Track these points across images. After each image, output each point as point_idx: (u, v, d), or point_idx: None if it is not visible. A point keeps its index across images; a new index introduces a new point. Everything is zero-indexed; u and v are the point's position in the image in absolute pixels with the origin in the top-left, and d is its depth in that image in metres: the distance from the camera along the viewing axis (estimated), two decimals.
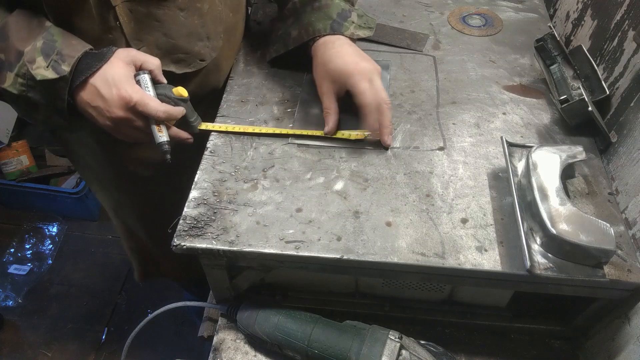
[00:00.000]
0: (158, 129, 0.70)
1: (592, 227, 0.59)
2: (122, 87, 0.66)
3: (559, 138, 0.77)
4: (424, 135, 0.78)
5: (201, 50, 0.81)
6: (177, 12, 0.75)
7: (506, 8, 1.06)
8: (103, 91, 0.67)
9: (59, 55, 0.66)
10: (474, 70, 0.90)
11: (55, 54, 0.66)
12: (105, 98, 0.67)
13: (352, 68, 0.73)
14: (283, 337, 0.65)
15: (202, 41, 0.81)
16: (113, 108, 0.67)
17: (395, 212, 0.67)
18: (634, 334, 0.62)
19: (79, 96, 0.68)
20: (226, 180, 0.71)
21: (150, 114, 0.68)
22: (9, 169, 1.90)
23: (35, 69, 0.65)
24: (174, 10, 0.75)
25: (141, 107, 0.67)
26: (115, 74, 0.67)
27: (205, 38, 0.81)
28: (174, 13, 0.75)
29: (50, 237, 1.99)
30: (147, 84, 0.70)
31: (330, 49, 0.77)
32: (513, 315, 0.74)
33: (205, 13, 0.79)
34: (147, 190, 0.97)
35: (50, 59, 0.65)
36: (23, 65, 0.65)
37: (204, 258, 0.66)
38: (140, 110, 0.67)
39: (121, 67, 0.68)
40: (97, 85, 0.67)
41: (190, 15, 0.77)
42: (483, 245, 0.63)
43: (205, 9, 0.79)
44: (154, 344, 1.66)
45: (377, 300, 0.75)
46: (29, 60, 0.65)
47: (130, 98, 0.66)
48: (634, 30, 0.72)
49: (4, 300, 1.80)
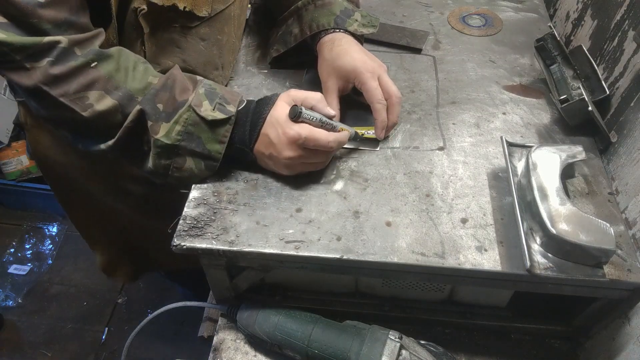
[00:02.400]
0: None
1: (592, 227, 0.59)
2: (287, 127, 0.65)
3: (559, 138, 0.77)
4: (424, 135, 0.78)
5: (215, 78, 0.83)
6: (198, 41, 0.77)
7: (506, 8, 1.06)
8: (272, 136, 0.66)
9: (222, 99, 0.67)
10: (473, 70, 0.90)
11: (218, 98, 0.67)
12: (274, 143, 0.66)
13: (361, 66, 0.74)
14: (283, 337, 0.65)
15: (217, 70, 0.83)
16: (284, 151, 0.66)
17: (395, 212, 0.67)
18: (634, 334, 0.62)
19: (255, 149, 0.69)
20: (226, 180, 0.71)
21: (322, 147, 0.66)
22: (9, 169, 1.90)
23: (203, 111, 0.65)
24: (195, 39, 0.76)
25: (312, 142, 0.65)
26: (279, 115, 0.67)
27: (221, 68, 0.83)
28: (195, 42, 0.77)
29: (50, 237, 1.99)
30: (310, 114, 0.67)
31: (337, 46, 0.77)
32: (513, 315, 0.74)
33: (224, 45, 0.81)
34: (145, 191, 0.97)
35: (214, 102, 0.66)
36: (186, 112, 0.65)
37: (204, 258, 0.66)
38: (311, 145, 0.66)
39: (284, 108, 0.67)
40: (267, 132, 0.67)
41: (211, 46, 0.79)
42: (483, 245, 0.63)
43: (224, 41, 0.81)
44: (154, 344, 1.65)
45: (377, 300, 0.75)
46: (195, 104, 0.65)
47: (298, 136, 0.65)
48: (634, 30, 0.72)
49: (4, 300, 1.80)
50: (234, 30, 0.84)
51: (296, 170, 0.70)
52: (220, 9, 0.76)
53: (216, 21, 0.77)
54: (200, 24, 0.75)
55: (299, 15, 0.82)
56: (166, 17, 0.71)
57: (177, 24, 0.73)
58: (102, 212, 1.04)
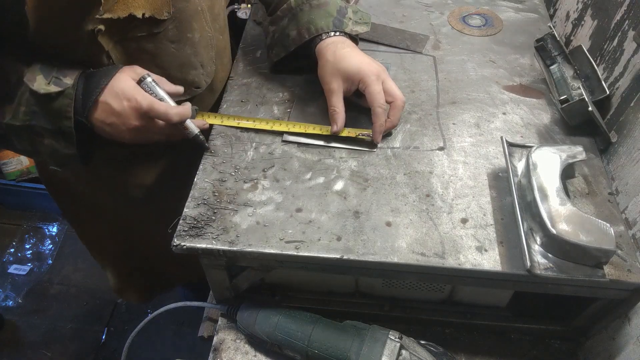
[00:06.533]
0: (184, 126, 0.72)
1: (592, 227, 0.59)
2: (131, 98, 0.67)
3: (559, 138, 0.77)
4: (424, 135, 0.78)
5: (195, 78, 0.82)
6: (168, 44, 0.75)
7: (506, 8, 1.06)
8: (115, 106, 0.67)
9: (60, 72, 0.65)
10: (474, 70, 0.90)
11: (55, 71, 0.65)
12: (119, 112, 0.67)
13: (367, 68, 0.74)
14: (283, 337, 0.65)
15: (195, 69, 0.81)
16: (128, 120, 0.68)
17: (395, 212, 0.67)
18: (634, 334, 0.62)
19: (93, 117, 0.68)
20: (226, 180, 0.71)
21: (161, 117, 0.69)
22: (9, 169, 1.90)
23: (35, 86, 0.63)
24: (165, 43, 0.75)
25: (152, 112, 0.68)
26: (124, 86, 0.67)
27: (200, 66, 0.82)
28: (165, 46, 0.75)
29: (50, 237, 1.99)
30: (153, 87, 0.70)
31: (340, 49, 0.76)
32: (513, 315, 0.74)
33: (197, 42, 0.79)
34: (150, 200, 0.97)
35: (50, 76, 0.64)
36: (25, 91, 0.64)
37: (204, 258, 0.66)
38: (152, 115, 0.68)
39: (128, 79, 0.68)
40: (109, 101, 0.67)
41: (182, 47, 0.77)
42: (483, 245, 0.63)
43: (196, 39, 0.79)
44: (154, 344, 1.66)
45: (377, 300, 0.75)
46: (28, 79, 0.63)
47: (140, 106, 0.67)
48: (634, 30, 0.72)
49: (4, 300, 1.80)
50: (207, 24, 0.81)
51: (142, 140, 0.72)
52: (182, 7, 0.74)
53: (182, 20, 0.75)
54: (166, 27, 0.73)
55: (294, 15, 0.81)
56: (128, 27, 0.69)
57: (143, 32, 0.72)
58: (112, 226, 1.03)
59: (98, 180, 0.91)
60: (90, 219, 1.03)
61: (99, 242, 1.09)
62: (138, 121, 0.68)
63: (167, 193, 0.87)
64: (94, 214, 1.00)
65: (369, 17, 0.84)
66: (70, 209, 1.04)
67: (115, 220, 1.01)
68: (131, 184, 0.90)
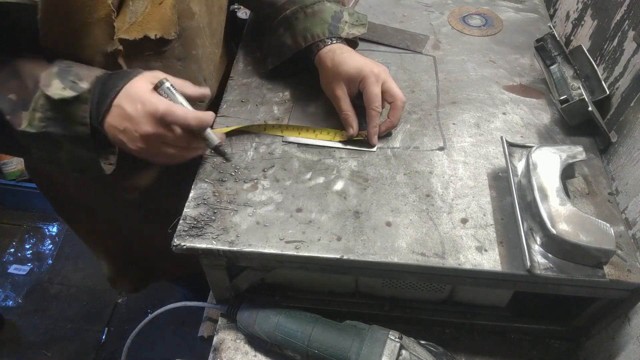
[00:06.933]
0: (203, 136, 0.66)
1: (592, 227, 0.59)
2: (146, 101, 0.61)
3: (559, 138, 0.77)
4: (424, 135, 0.78)
5: None
6: (174, 62, 0.75)
7: (506, 8, 1.06)
8: (129, 110, 0.61)
9: (76, 76, 0.61)
10: (474, 70, 0.90)
11: (72, 75, 0.61)
12: (132, 116, 0.61)
13: (367, 69, 0.74)
14: (283, 337, 0.65)
15: (200, 85, 0.79)
16: (141, 126, 0.62)
17: (395, 212, 0.67)
18: (634, 334, 0.62)
19: (106, 123, 0.63)
20: (226, 180, 0.71)
21: (179, 123, 0.63)
22: (9, 169, 1.90)
23: (51, 91, 0.60)
24: (171, 61, 0.74)
25: (169, 117, 0.62)
26: (139, 89, 0.62)
27: (203, 81, 0.82)
28: (171, 63, 0.75)
29: (50, 237, 1.99)
30: (171, 92, 0.64)
31: (339, 55, 0.77)
32: (513, 315, 0.74)
33: (200, 58, 0.79)
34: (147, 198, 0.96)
35: (67, 80, 0.61)
36: (40, 97, 0.60)
37: (204, 258, 0.66)
38: (169, 120, 0.62)
39: (145, 83, 0.63)
40: (122, 104, 0.62)
41: (188, 64, 0.77)
42: (483, 245, 0.63)
43: (200, 55, 0.78)
44: (154, 344, 1.65)
45: (377, 300, 0.75)
46: (44, 85, 0.60)
47: (156, 110, 0.61)
48: (634, 30, 0.72)
49: (4, 300, 1.80)
50: (208, 40, 0.81)
51: (152, 151, 0.65)
52: (187, 25, 0.73)
53: (187, 37, 0.75)
54: (173, 45, 0.73)
55: (290, 25, 0.81)
56: (139, 48, 0.69)
57: (152, 51, 0.71)
58: (104, 225, 1.03)
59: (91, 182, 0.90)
60: (85, 218, 1.03)
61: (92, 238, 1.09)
62: (151, 127, 0.62)
63: (163, 194, 0.87)
64: (88, 214, 1.00)
65: (366, 18, 0.84)
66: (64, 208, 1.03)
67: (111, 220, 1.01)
68: (126, 186, 0.90)
